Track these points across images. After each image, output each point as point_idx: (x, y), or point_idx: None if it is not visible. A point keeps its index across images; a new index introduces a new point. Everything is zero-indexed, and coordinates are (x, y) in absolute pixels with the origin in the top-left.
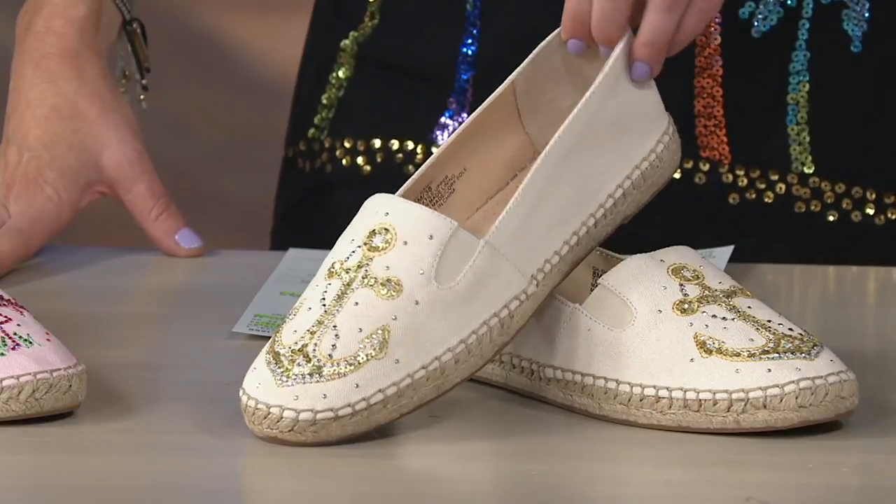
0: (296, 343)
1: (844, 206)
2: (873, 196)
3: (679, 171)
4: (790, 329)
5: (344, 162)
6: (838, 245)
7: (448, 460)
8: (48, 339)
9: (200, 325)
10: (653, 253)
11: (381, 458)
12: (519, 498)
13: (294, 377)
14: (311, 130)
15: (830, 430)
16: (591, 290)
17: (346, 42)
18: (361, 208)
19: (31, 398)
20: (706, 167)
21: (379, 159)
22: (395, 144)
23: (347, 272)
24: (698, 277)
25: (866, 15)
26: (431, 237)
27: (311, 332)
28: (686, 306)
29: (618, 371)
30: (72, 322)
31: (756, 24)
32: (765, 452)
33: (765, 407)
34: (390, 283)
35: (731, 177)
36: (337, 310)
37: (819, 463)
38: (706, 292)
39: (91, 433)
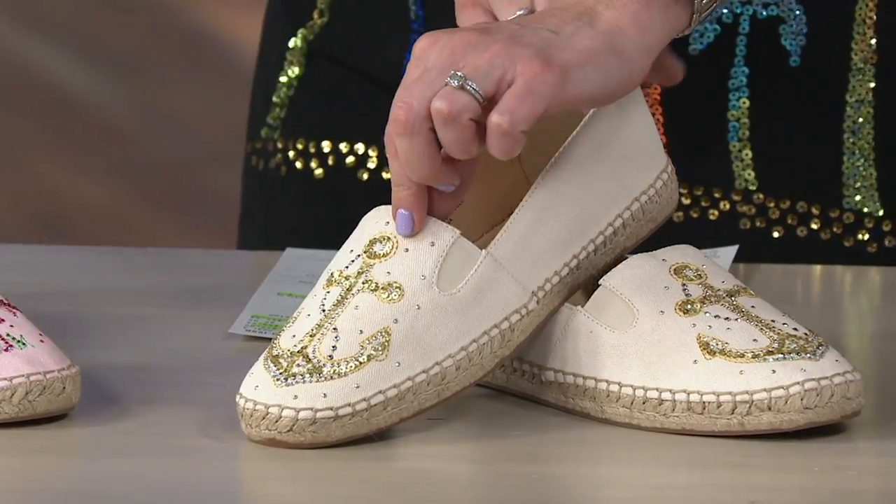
0: (295, 346)
1: (790, 221)
2: (818, 211)
3: None
4: (795, 329)
5: (298, 165)
6: (785, 261)
7: (448, 463)
8: (41, 341)
9: (197, 325)
10: (654, 252)
11: (380, 460)
12: (520, 501)
13: (293, 377)
14: (264, 130)
15: (836, 433)
16: (592, 291)
17: (295, 40)
18: (361, 222)
19: (24, 400)
20: None
21: (331, 162)
22: (345, 147)
23: (347, 279)
24: (701, 277)
25: (804, 29)
26: (433, 244)
27: (310, 336)
28: (689, 307)
29: (620, 373)
30: (66, 323)
31: (692, 42)
32: (769, 455)
33: (769, 409)
34: (391, 287)
35: None
36: (337, 313)
37: (825, 466)
38: (709, 292)
39: (85, 436)
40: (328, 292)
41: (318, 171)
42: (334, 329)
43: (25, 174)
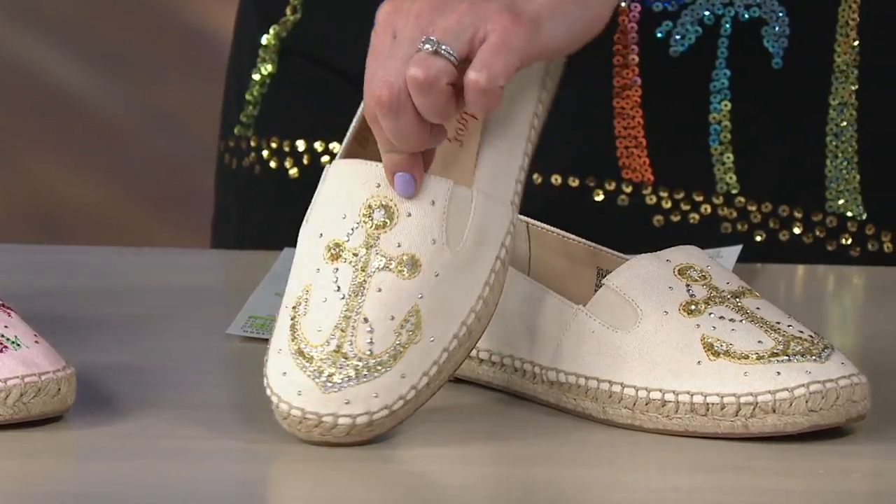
0: (327, 342)
1: (771, 225)
2: (800, 215)
3: (601, 192)
4: (800, 331)
5: (272, 164)
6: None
7: (451, 466)
8: (36, 342)
9: (194, 326)
10: (658, 253)
11: (384, 462)
12: None
13: (340, 382)
14: (237, 128)
15: (841, 435)
16: (596, 291)
17: (267, 37)
18: (334, 176)
19: (18, 402)
20: (629, 189)
21: (305, 161)
22: (319, 146)
23: (356, 255)
24: (705, 278)
25: (786, 31)
26: (433, 203)
27: (340, 329)
28: (693, 307)
29: (622, 374)
30: (61, 324)
31: (673, 43)
32: (774, 458)
33: (774, 411)
34: (408, 261)
35: (654, 198)
36: (360, 299)
37: (830, 469)
38: (713, 293)
39: (81, 438)
40: (337, 269)
41: (293, 171)
42: (364, 320)
43: (21, 173)
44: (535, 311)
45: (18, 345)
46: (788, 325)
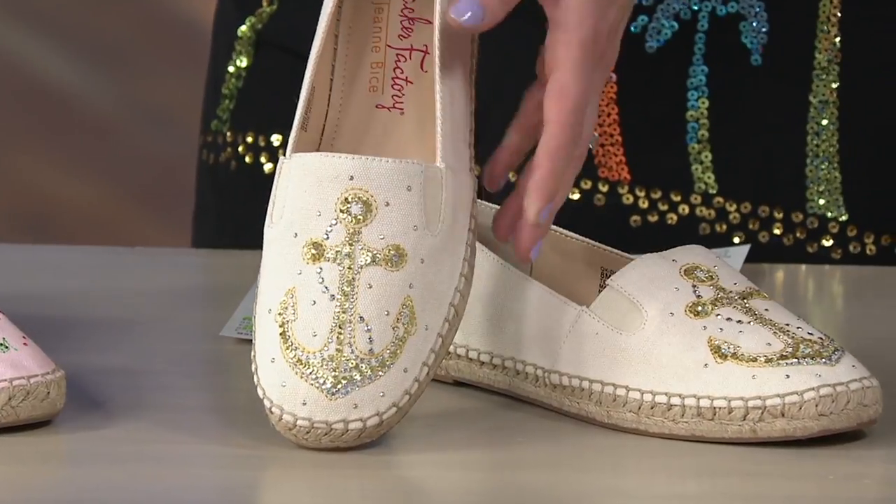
0: (325, 346)
1: (751, 226)
2: (780, 215)
3: (577, 191)
4: (809, 333)
5: (247, 159)
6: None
7: (451, 471)
8: (25, 344)
9: (186, 328)
10: (664, 252)
11: (382, 468)
12: None
13: (346, 385)
14: (214, 122)
15: (852, 440)
16: (600, 292)
17: (243, 29)
18: (300, 171)
19: (6, 406)
20: (605, 188)
21: (281, 157)
22: None
23: (338, 253)
24: (712, 278)
25: (765, 26)
26: (409, 188)
27: (337, 331)
28: (699, 309)
29: (627, 377)
30: (50, 325)
31: (649, 39)
32: (783, 463)
33: (783, 415)
34: (393, 252)
35: (631, 198)
36: (352, 298)
37: (840, 475)
38: (720, 294)
39: (70, 443)
40: (320, 269)
41: (268, 166)
42: (360, 318)
43: (7, 170)
44: (537, 312)
45: (6, 347)
46: (798, 327)
